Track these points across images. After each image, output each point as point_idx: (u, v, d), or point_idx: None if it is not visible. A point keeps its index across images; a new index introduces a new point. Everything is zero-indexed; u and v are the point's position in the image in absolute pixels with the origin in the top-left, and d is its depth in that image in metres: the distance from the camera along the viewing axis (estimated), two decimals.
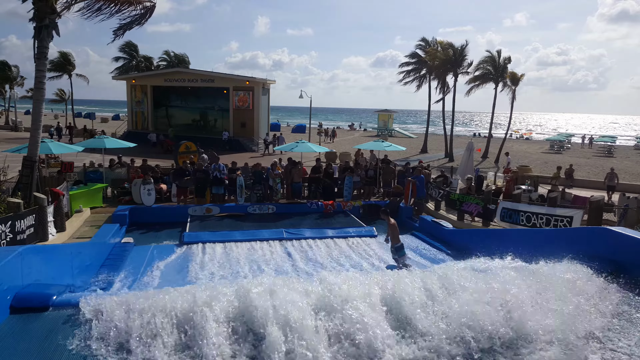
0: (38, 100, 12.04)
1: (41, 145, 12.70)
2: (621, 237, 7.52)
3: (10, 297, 5.42)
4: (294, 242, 12.53)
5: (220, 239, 12.36)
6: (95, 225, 12.98)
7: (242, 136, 34.71)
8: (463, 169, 19.13)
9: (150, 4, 13.06)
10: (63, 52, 48.11)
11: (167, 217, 14.60)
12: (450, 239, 12.81)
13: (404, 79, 40.51)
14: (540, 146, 51.79)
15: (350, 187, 16.83)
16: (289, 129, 58.78)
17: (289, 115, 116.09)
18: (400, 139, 51.21)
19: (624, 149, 51.77)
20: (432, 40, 38.88)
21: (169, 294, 5.41)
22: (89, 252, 9.65)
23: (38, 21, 11.52)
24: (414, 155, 35.76)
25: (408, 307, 5.55)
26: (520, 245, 10.20)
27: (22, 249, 6.01)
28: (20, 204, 10.06)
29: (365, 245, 12.63)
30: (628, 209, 12.73)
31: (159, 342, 4.82)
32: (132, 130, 37.64)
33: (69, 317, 5.28)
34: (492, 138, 39.87)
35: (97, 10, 12.49)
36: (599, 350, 5.31)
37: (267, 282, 5.73)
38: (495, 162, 33.52)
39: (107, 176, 16.55)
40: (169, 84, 36.68)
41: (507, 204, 13.35)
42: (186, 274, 9.98)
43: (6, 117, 51.15)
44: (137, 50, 47.04)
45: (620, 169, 31.28)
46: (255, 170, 16.25)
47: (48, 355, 4.63)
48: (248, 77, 34.64)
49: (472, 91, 36.52)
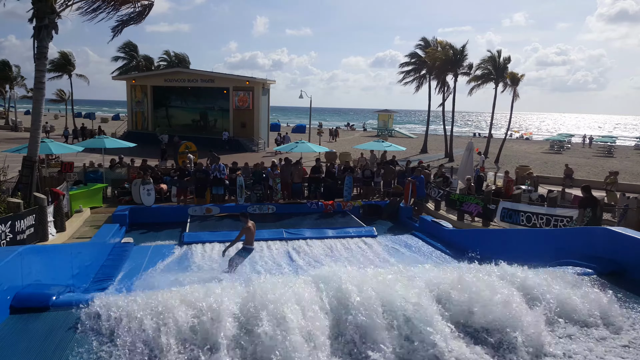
0: (38, 100, 12.03)
1: (41, 145, 12.70)
2: (621, 237, 7.52)
3: (10, 297, 5.42)
4: (294, 242, 12.53)
5: (220, 239, 12.34)
6: (95, 225, 12.98)
7: (242, 136, 34.71)
8: (463, 169, 19.12)
9: (148, 2, 13.05)
10: (63, 52, 48.13)
11: (167, 217, 14.60)
12: (450, 239, 12.81)
13: (404, 79, 40.56)
14: (540, 146, 51.80)
15: (350, 187, 16.83)
16: (289, 129, 58.75)
17: (286, 115, 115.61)
18: (400, 139, 51.23)
19: (624, 149, 51.79)
20: (432, 40, 38.89)
21: (170, 294, 5.41)
22: (89, 252, 9.64)
23: (38, 21, 11.51)
24: (414, 155, 35.77)
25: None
26: (520, 246, 10.24)
27: (22, 249, 6.01)
28: (20, 204, 10.05)
29: (365, 245, 12.62)
30: (628, 209, 12.73)
31: (159, 342, 4.82)
32: (132, 130, 37.64)
33: (69, 317, 5.27)
34: (492, 138, 39.89)
35: (95, 9, 12.48)
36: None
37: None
38: (495, 162, 33.52)
39: (107, 176, 16.56)
40: (169, 84, 36.69)
41: (507, 204, 13.35)
42: (186, 274, 9.96)
43: (6, 117, 51.16)
44: (137, 50, 46.99)
45: (620, 169, 31.31)
46: (255, 170, 16.26)
47: (48, 355, 4.63)
48: (248, 77, 34.65)
49: (473, 91, 36.59)
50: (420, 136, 50.59)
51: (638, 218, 12.00)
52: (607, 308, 6.10)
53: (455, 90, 37.01)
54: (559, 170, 26.60)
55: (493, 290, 5.84)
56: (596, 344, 5.50)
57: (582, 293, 6.30)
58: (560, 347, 5.41)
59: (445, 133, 38.30)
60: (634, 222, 11.62)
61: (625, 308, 6.28)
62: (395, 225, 15.21)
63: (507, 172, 18.48)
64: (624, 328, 5.85)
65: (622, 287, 6.85)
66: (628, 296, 6.63)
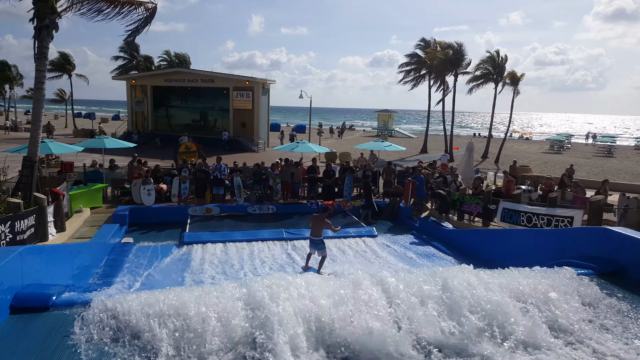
0: (38, 100, 12.02)
1: (41, 145, 12.69)
2: (621, 237, 7.53)
3: (10, 297, 5.42)
4: (294, 242, 12.53)
5: (220, 239, 12.36)
6: (95, 225, 12.97)
7: (242, 136, 34.71)
8: (463, 169, 19.11)
9: (151, 5, 13.04)
10: (63, 52, 48.20)
11: (167, 217, 14.58)
12: (451, 239, 12.81)
13: (404, 78, 40.58)
14: (540, 146, 51.79)
15: (350, 187, 16.82)
16: (289, 129, 58.70)
17: (284, 116, 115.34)
18: (400, 139, 51.22)
19: (624, 149, 51.80)
20: (431, 40, 38.95)
21: (172, 294, 5.41)
22: (89, 252, 9.65)
23: (38, 21, 11.50)
24: (414, 155, 35.77)
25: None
26: (521, 246, 10.24)
27: (22, 249, 6.01)
28: (20, 204, 10.04)
29: (365, 245, 12.62)
30: (628, 209, 12.71)
31: (159, 342, 4.81)
32: (132, 130, 37.63)
33: (69, 317, 5.27)
34: (492, 138, 39.88)
35: (98, 11, 12.46)
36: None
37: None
38: (495, 162, 33.52)
39: (107, 176, 16.56)
40: (169, 84, 36.69)
41: (508, 204, 13.34)
42: (186, 274, 9.97)
43: (6, 117, 51.14)
44: (137, 50, 47.01)
45: (620, 169, 31.31)
46: (256, 170, 16.26)
47: (48, 355, 4.63)
48: (248, 77, 34.64)
49: (472, 91, 36.55)
50: (420, 136, 50.58)
51: (638, 218, 11.98)
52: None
53: (455, 90, 37.07)
54: (559, 170, 26.57)
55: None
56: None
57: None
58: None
59: (445, 133, 38.30)
60: (634, 222, 11.61)
61: (625, 308, 6.29)
62: (395, 225, 15.21)
63: (506, 172, 18.47)
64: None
65: (622, 287, 6.86)
66: (628, 296, 6.63)
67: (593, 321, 6.00)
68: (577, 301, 6.30)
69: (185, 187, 15.31)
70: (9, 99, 51.60)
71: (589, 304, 6.38)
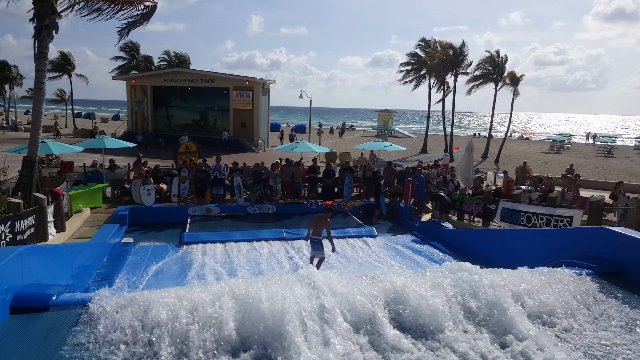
0: (38, 100, 12.02)
1: (41, 145, 12.69)
2: (621, 237, 7.53)
3: (10, 297, 5.42)
4: (294, 242, 12.53)
5: (220, 239, 12.36)
6: (95, 225, 12.97)
7: (242, 136, 34.71)
8: (463, 169, 19.10)
9: (151, 4, 13.04)
10: (63, 52, 48.17)
11: (167, 217, 14.58)
12: (451, 239, 12.81)
13: (404, 78, 40.60)
14: (541, 146, 51.79)
15: (350, 187, 16.82)
16: (289, 130, 58.70)
17: (284, 116, 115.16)
18: (400, 139, 51.22)
19: (624, 149, 51.81)
20: (431, 40, 38.96)
21: (173, 294, 5.41)
22: (89, 252, 9.64)
23: (38, 21, 11.50)
24: (414, 155, 35.77)
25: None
26: (521, 246, 10.24)
27: (22, 249, 6.01)
28: (20, 204, 10.04)
29: (365, 245, 12.62)
30: (628, 209, 12.71)
31: (159, 342, 4.81)
32: (132, 130, 37.62)
33: (69, 317, 5.27)
34: (492, 138, 39.87)
35: (97, 10, 12.46)
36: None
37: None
38: (495, 162, 33.51)
39: (107, 176, 16.56)
40: (169, 84, 36.67)
41: (508, 204, 13.34)
42: (186, 274, 9.97)
43: (6, 117, 51.14)
44: (137, 50, 46.99)
45: (620, 169, 31.32)
46: (255, 171, 16.25)
47: (48, 355, 4.63)
48: (248, 77, 34.64)
49: (472, 91, 36.56)
50: (420, 136, 50.59)
51: (638, 218, 11.97)
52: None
53: (455, 90, 37.07)
54: (559, 171, 26.56)
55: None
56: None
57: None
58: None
59: (445, 133, 38.30)
60: (634, 222, 11.60)
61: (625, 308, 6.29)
62: (395, 225, 15.21)
63: (506, 172, 18.47)
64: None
65: (622, 287, 6.86)
66: (628, 296, 6.63)
67: (593, 321, 6.00)
68: (585, 301, 6.30)
69: (185, 187, 15.32)
70: (9, 99, 51.61)
71: (589, 304, 6.38)
